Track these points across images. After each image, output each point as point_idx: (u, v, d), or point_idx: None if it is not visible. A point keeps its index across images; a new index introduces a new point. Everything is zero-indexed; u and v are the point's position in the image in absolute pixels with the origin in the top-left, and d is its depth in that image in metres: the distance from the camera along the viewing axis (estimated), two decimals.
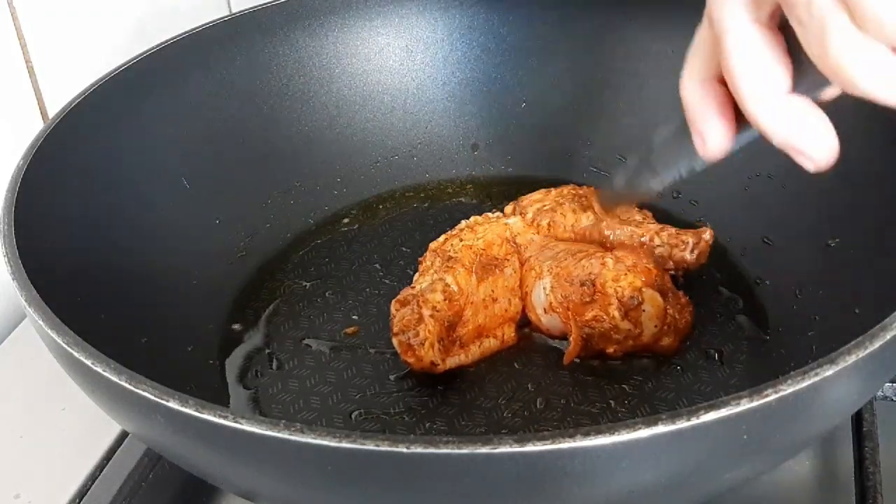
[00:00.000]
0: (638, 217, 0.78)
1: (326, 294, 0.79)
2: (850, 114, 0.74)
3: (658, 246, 0.74)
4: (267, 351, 0.73)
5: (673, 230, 0.75)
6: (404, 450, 0.41)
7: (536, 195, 0.81)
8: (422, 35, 0.92)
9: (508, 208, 0.81)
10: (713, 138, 0.51)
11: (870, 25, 0.39)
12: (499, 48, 0.92)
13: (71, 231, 0.65)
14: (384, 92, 0.91)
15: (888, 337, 0.46)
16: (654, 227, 0.75)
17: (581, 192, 0.82)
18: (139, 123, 0.76)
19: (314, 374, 0.71)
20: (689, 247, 0.73)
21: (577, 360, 0.69)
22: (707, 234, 0.74)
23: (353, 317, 0.76)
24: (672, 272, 0.74)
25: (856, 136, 0.73)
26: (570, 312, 0.68)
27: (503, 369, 0.70)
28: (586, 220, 0.76)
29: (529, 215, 0.78)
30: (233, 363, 0.72)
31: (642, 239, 0.74)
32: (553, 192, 0.82)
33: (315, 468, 0.44)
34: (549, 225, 0.77)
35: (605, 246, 0.74)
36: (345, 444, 0.41)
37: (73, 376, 0.52)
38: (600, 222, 0.76)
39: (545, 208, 0.79)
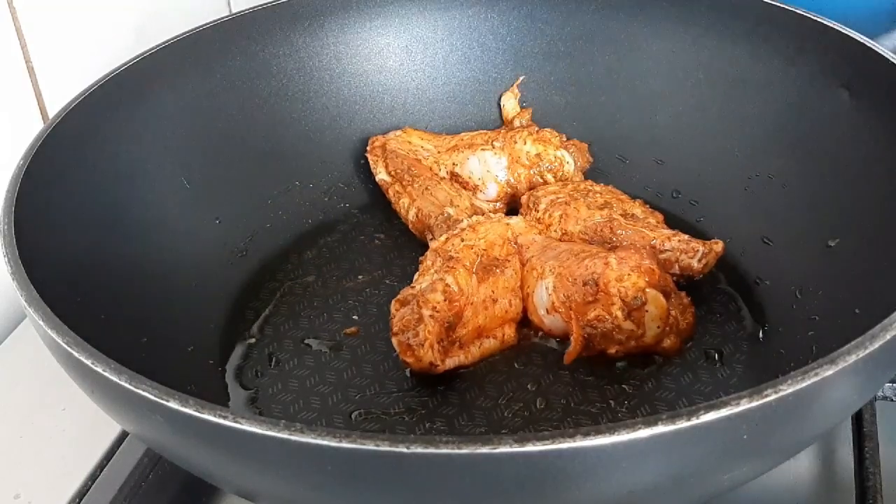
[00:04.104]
0: (652, 221, 0.78)
1: (326, 294, 0.79)
2: (850, 114, 0.74)
3: (667, 250, 0.74)
4: (267, 351, 0.73)
5: (685, 237, 0.75)
6: (404, 450, 0.41)
7: (553, 187, 0.82)
8: (422, 35, 0.92)
9: (524, 198, 0.81)
10: None
11: None
12: (499, 48, 0.92)
13: (71, 231, 0.65)
14: (384, 92, 0.91)
15: (888, 337, 0.46)
16: (667, 232, 0.76)
17: (598, 188, 0.82)
18: (139, 123, 0.76)
19: (314, 374, 0.71)
20: (698, 255, 0.73)
21: (578, 360, 0.69)
22: (719, 247, 0.74)
23: (353, 317, 0.76)
24: (675, 277, 0.73)
25: (856, 137, 0.73)
26: (572, 312, 0.68)
27: (503, 369, 0.70)
28: (599, 216, 0.76)
29: (542, 206, 0.79)
30: (233, 363, 0.72)
31: (653, 242, 0.74)
32: (570, 185, 0.82)
33: (315, 468, 0.44)
34: (561, 217, 0.77)
35: (613, 244, 0.74)
36: (345, 444, 0.41)
37: (73, 376, 0.52)
38: (612, 220, 0.76)
39: (559, 200, 0.79)
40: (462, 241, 0.74)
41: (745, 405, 0.41)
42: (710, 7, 0.83)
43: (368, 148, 0.88)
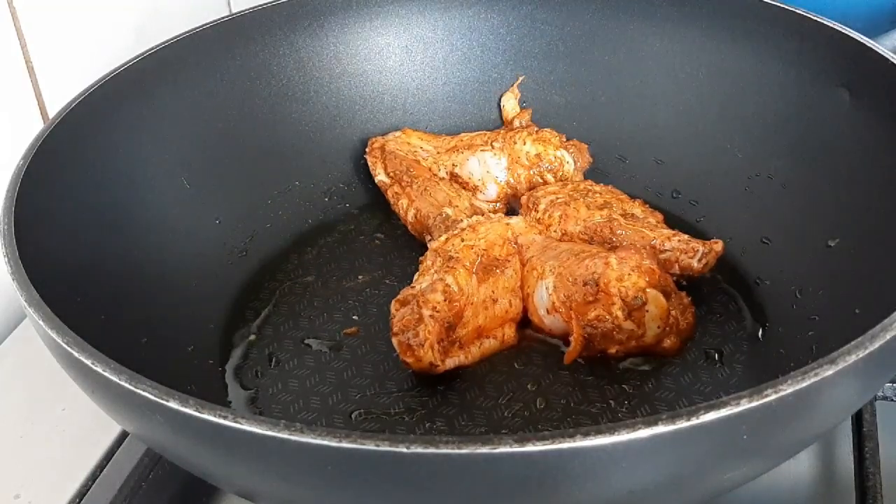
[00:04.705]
0: (652, 220, 0.78)
1: (326, 294, 0.79)
2: (850, 114, 0.74)
3: (667, 250, 0.74)
4: (267, 351, 0.73)
5: (685, 237, 0.75)
6: (404, 450, 0.41)
7: (552, 187, 0.82)
8: (422, 35, 0.92)
9: (523, 198, 0.81)
10: None
11: None
12: (499, 48, 0.92)
13: (71, 231, 0.65)
14: (384, 92, 0.91)
15: (888, 337, 0.46)
16: (667, 232, 0.76)
17: (598, 188, 0.82)
18: (139, 124, 0.76)
19: (314, 374, 0.71)
20: (697, 255, 0.73)
21: (578, 360, 0.69)
22: (718, 246, 0.74)
23: (353, 317, 0.76)
24: (675, 277, 0.73)
25: (856, 137, 0.73)
26: (572, 312, 0.68)
27: (503, 369, 0.70)
28: (599, 216, 0.76)
29: (542, 206, 0.79)
30: (233, 363, 0.72)
31: (653, 242, 0.74)
32: (570, 185, 0.82)
33: (315, 468, 0.44)
34: (560, 217, 0.77)
35: (613, 244, 0.74)
36: (345, 444, 0.41)
37: (73, 376, 0.52)
38: (612, 221, 0.76)
39: (558, 201, 0.79)
40: (462, 241, 0.74)
41: (745, 405, 0.41)
42: (711, 7, 0.83)
43: (367, 149, 0.88)
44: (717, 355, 0.70)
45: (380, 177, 0.86)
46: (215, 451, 0.47)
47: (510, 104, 0.91)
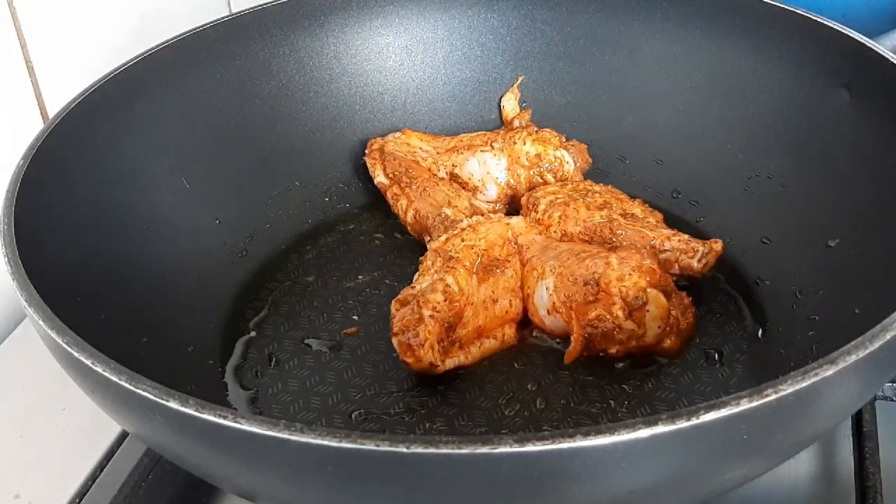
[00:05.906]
0: (652, 220, 0.78)
1: (326, 294, 0.79)
2: (850, 114, 0.74)
3: (666, 250, 0.74)
4: (267, 351, 0.73)
5: (685, 237, 0.75)
6: (404, 450, 0.41)
7: (552, 187, 0.82)
8: (422, 35, 0.92)
9: (523, 198, 0.81)
10: None
11: None
12: (499, 48, 0.92)
13: (71, 231, 0.65)
14: (384, 92, 0.91)
15: (888, 337, 0.46)
16: (667, 231, 0.76)
17: (597, 188, 0.82)
18: (139, 123, 0.76)
19: (314, 374, 0.71)
20: (698, 255, 0.73)
21: (578, 360, 0.69)
22: (718, 246, 0.74)
23: (353, 317, 0.76)
24: (675, 277, 0.73)
25: (856, 137, 0.73)
26: (572, 312, 0.68)
27: (503, 369, 0.70)
28: (599, 216, 0.76)
29: (542, 206, 0.79)
30: (232, 363, 0.72)
31: (653, 242, 0.74)
32: (569, 185, 0.82)
33: (315, 468, 0.44)
34: (560, 218, 0.77)
35: (613, 245, 0.74)
36: (345, 444, 0.41)
37: (73, 376, 0.52)
38: (612, 221, 0.76)
39: (558, 201, 0.79)
40: (462, 241, 0.74)
41: (745, 405, 0.41)
42: (711, 7, 0.83)
43: (367, 151, 0.88)
44: (717, 355, 0.70)
45: (379, 178, 0.86)
46: (215, 451, 0.47)
47: (510, 104, 0.91)
